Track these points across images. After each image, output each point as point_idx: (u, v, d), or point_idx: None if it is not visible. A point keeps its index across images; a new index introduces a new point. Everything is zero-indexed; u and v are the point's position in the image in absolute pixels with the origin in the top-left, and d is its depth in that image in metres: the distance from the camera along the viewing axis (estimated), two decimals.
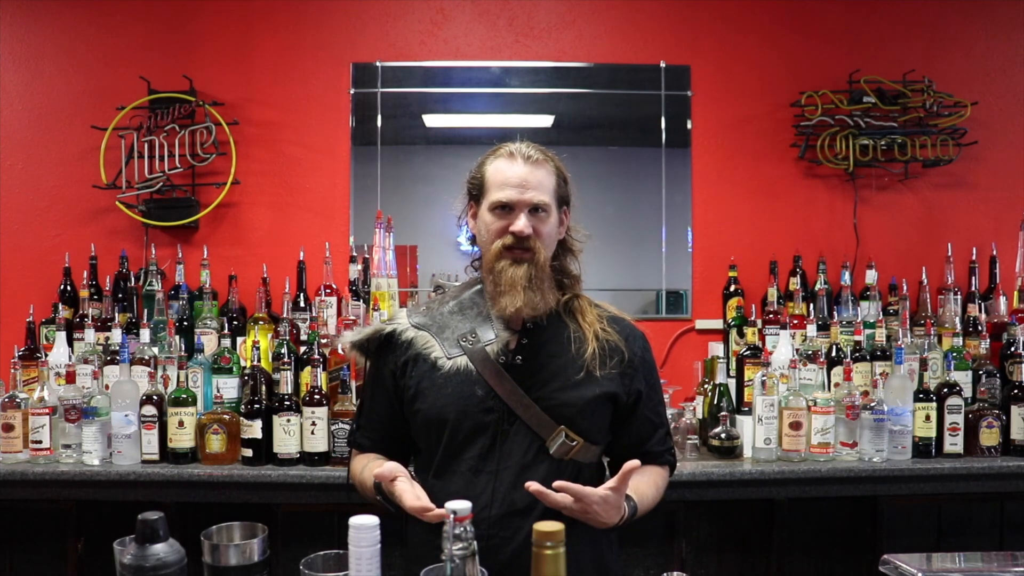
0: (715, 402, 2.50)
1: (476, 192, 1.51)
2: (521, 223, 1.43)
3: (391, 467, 1.33)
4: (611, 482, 1.30)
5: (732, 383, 2.54)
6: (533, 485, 1.27)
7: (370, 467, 1.46)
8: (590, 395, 1.43)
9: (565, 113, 3.04)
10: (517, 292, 1.42)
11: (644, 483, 1.48)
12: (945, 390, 2.35)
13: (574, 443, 1.41)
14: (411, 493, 1.30)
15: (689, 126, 3.02)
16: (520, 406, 1.41)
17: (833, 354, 2.46)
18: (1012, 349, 2.44)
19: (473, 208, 1.54)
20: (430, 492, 1.37)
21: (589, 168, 3.05)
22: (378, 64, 2.98)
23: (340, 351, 2.32)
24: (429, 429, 1.46)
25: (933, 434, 2.32)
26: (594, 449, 1.47)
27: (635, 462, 1.29)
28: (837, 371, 2.40)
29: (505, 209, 1.45)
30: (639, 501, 1.42)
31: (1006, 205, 3.01)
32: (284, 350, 2.32)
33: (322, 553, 1.12)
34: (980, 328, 2.60)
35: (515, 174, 1.44)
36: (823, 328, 2.58)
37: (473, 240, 1.60)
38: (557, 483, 1.28)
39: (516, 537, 1.36)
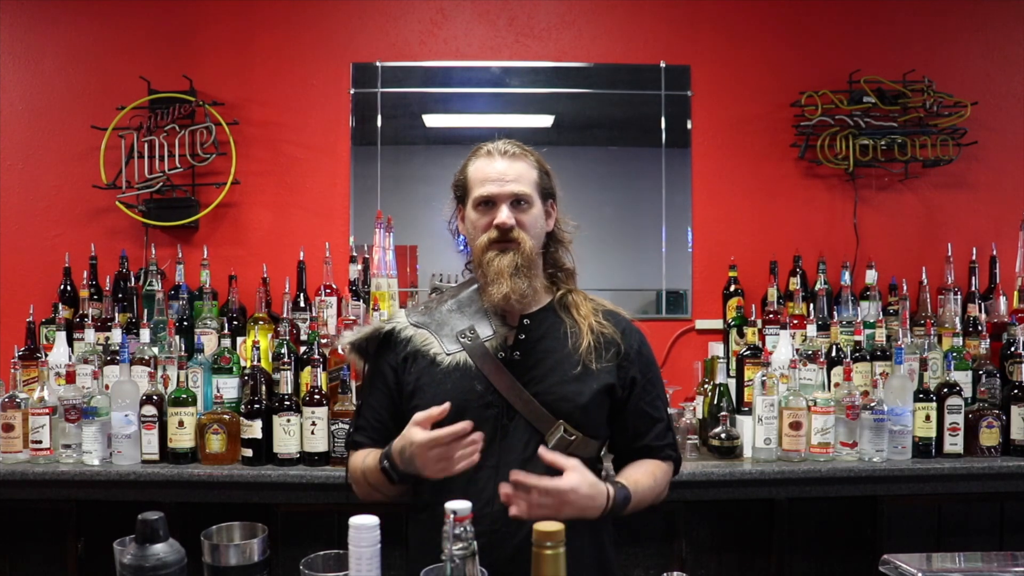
0: (715, 402, 2.50)
1: (461, 193, 1.55)
2: (503, 215, 1.45)
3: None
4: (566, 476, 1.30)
5: (732, 383, 2.54)
6: (518, 474, 1.26)
7: (372, 455, 1.46)
8: (587, 389, 1.44)
9: (565, 113, 3.04)
10: (503, 279, 1.44)
11: (639, 472, 1.48)
12: (945, 390, 2.35)
13: (572, 437, 1.42)
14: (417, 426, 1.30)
15: (689, 126, 3.02)
16: (519, 401, 1.42)
17: (833, 354, 2.46)
18: (1012, 349, 2.44)
19: (461, 210, 1.57)
20: (430, 491, 1.38)
21: (589, 168, 3.05)
22: (378, 64, 2.98)
23: (340, 351, 2.32)
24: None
25: (933, 434, 2.32)
26: (593, 443, 1.48)
27: (541, 449, 1.33)
28: (837, 371, 2.40)
29: (488, 204, 1.48)
30: (633, 488, 1.41)
31: (1006, 205, 3.01)
32: (284, 350, 2.32)
33: (322, 553, 1.12)
34: (980, 328, 2.60)
35: (494, 169, 1.48)
36: (823, 328, 2.58)
37: (466, 243, 1.62)
38: (514, 476, 1.26)
39: (520, 531, 1.35)
